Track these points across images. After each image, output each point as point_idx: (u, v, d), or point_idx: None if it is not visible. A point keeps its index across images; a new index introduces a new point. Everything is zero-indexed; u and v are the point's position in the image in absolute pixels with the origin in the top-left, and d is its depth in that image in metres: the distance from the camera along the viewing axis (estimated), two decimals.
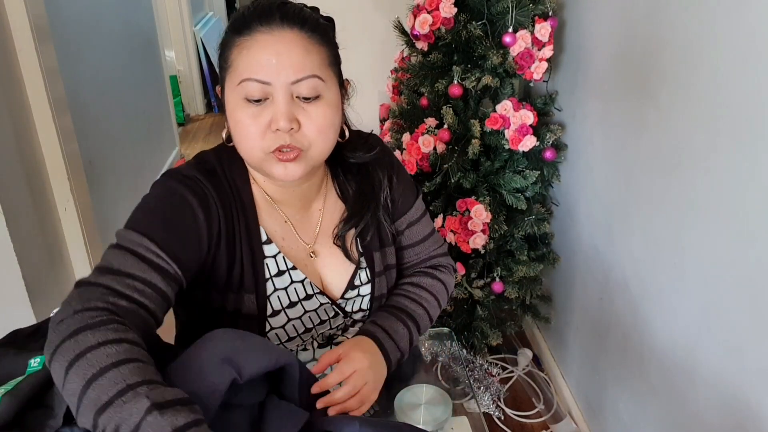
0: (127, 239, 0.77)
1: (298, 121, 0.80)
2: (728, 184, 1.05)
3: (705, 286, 1.14)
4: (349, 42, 0.95)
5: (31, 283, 1.70)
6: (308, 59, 0.79)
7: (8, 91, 1.71)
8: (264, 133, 0.79)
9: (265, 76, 0.77)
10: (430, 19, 1.66)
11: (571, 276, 1.84)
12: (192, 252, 0.81)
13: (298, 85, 0.79)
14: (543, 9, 1.64)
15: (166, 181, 0.84)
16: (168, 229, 0.79)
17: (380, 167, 0.98)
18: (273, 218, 0.93)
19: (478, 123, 1.68)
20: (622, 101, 1.45)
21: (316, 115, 0.81)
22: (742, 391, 1.05)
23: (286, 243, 0.93)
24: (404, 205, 1.00)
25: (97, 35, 2.57)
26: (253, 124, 0.79)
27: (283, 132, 0.79)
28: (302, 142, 0.81)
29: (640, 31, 1.35)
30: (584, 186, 1.71)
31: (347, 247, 0.96)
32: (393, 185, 0.98)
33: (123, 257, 0.75)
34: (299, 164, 0.82)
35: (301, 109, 0.80)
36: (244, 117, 0.80)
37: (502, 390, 1.93)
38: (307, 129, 0.80)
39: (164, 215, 0.80)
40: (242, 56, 0.79)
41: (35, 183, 1.83)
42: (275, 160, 0.81)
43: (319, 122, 0.81)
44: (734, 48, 1.02)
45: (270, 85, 0.78)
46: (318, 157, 0.85)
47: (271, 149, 0.80)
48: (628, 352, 1.48)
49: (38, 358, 0.77)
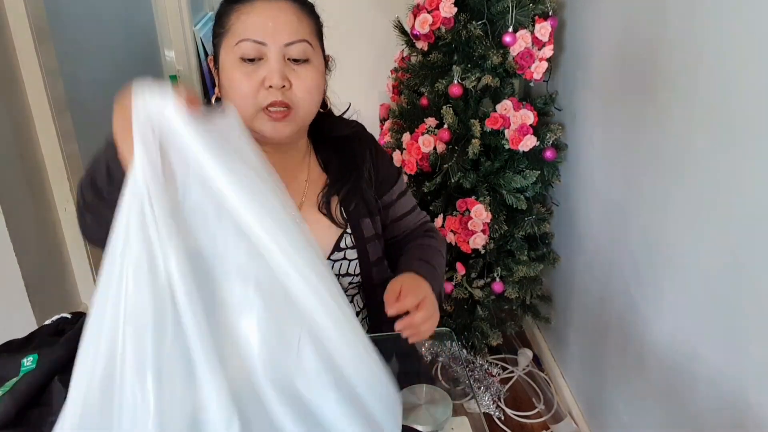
0: None
1: (289, 80, 0.87)
2: (728, 183, 1.05)
3: (705, 286, 1.14)
4: (349, 42, 0.97)
5: (31, 283, 1.70)
6: (300, 26, 0.88)
7: (8, 91, 1.71)
8: (257, 90, 0.86)
9: (262, 37, 0.85)
10: (430, 18, 1.66)
11: (571, 276, 1.84)
12: None
13: (291, 47, 0.87)
14: (543, 9, 1.64)
15: None
16: None
17: (361, 144, 1.05)
18: None
19: (478, 123, 1.68)
20: (622, 101, 1.45)
21: (305, 77, 0.88)
22: (742, 391, 1.05)
23: None
24: (389, 177, 1.08)
25: (97, 35, 2.57)
26: (247, 82, 0.86)
27: (276, 89, 0.86)
28: (292, 99, 0.88)
29: (640, 31, 1.35)
30: (584, 186, 1.71)
31: (332, 213, 1.01)
32: (376, 160, 1.06)
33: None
34: (287, 123, 0.89)
35: (292, 71, 0.88)
36: (239, 75, 0.87)
37: (502, 390, 1.93)
38: (296, 88, 0.88)
39: None
40: (240, 20, 0.86)
41: (35, 183, 1.83)
42: (266, 118, 0.88)
43: (307, 83, 0.88)
44: (734, 48, 1.02)
45: (265, 45, 0.86)
46: (304, 117, 0.92)
47: (263, 105, 0.87)
48: (628, 352, 1.48)
49: (30, 357, 0.78)
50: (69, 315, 0.94)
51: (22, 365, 0.77)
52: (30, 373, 0.75)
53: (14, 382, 0.74)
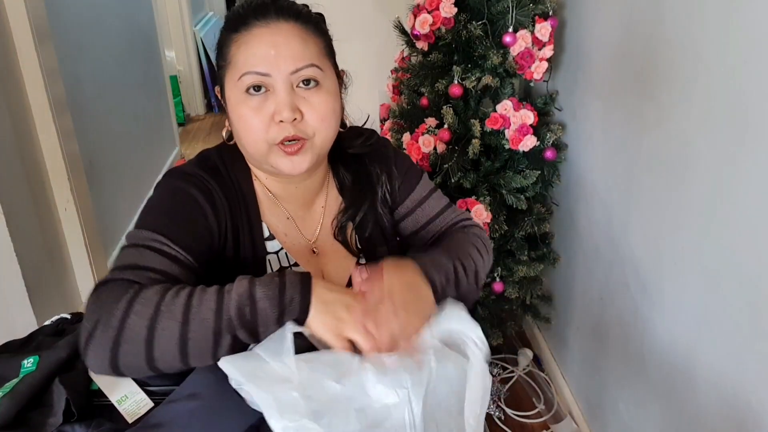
0: (139, 237, 0.77)
1: (300, 110, 0.81)
2: (728, 183, 1.05)
3: (705, 286, 1.14)
4: (349, 42, 0.95)
5: (31, 283, 1.70)
6: (306, 49, 0.81)
7: (8, 91, 1.71)
8: (268, 125, 0.80)
9: (265, 68, 0.79)
10: (430, 18, 1.66)
11: (572, 276, 1.84)
12: (203, 242, 0.81)
13: (298, 74, 0.80)
14: (543, 9, 1.64)
15: (169, 181, 0.84)
16: (177, 223, 0.79)
17: (377, 162, 0.98)
18: (275, 215, 0.93)
19: (478, 123, 1.68)
20: (622, 101, 1.45)
21: (317, 103, 0.82)
22: (742, 391, 1.05)
23: (289, 239, 0.93)
24: (406, 187, 0.99)
25: (97, 35, 2.57)
26: (256, 117, 0.80)
27: (287, 123, 0.80)
28: (306, 131, 0.82)
29: (640, 31, 1.35)
30: (584, 186, 1.71)
31: (348, 241, 0.96)
32: (392, 177, 0.98)
33: (139, 253, 0.76)
34: (305, 155, 0.83)
35: (302, 99, 0.81)
36: (247, 110, 0.80)
37: (502, 390, 1.93)
38: (309, 118, 0.81)
39: (171, 211, 0.81)
40: (241, 51, 0.80)
41: (35, 183, 1.83)
42: (281, 154, 0.82)
43: (320, 110, 0.82)
44: (734, 47, 1.02)
45: (270, 76, 0.79)
46: (322, 146, 0.85)
47: (276, 141, 0.81)
48: (628, 352, 1.48)
49: (31, 359, 0.77)
50: (69, 315, 0.94)
51: (22, 366, 0.77)
52: (30, 374, 0.75)
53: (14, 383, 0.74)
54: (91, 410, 0.75)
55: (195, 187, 0.83)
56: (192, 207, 0.82)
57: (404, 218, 1.00)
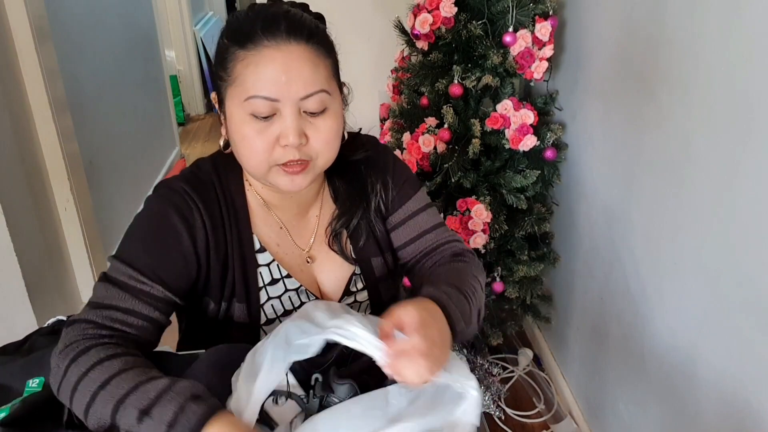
0: (113, 269, 0.81)
1: (306, 135, 0.79)
2: (728, 183, 1.05)
3: (705, 285, 1.14)
4: (349, 42, 0.94)
5: (31, 283, 1.70)
6: (316, 74, 0.78)
7: (8, 91, 1.71)
8: (272, 147, 0.79)
9: (274, 94, 0.76)
10: (431, 18, 1.66)
11: (572, 276, 1.84)
12: (178, 272, 0.83)
13: (307, 100, 0.78)
14: (543, 8, 1.64)
15: (152, 201, 0.86)
16: (151, 254, 0.81)
17: (374, 170, 0.96)
18: (268, 224, 0.92)
19: (478, 122, 1.68)
20: (622, 101, 1.45)
21: (323, 128, 0.80)
22: (742, 391, 1.05)
23: (281, 249, 0.93)
24: (402, 197, 0.97)
25: (97, 35, 2.57)
26: (260, 140, 0.78)
27: (292, 147, 0.78)
28: (310, 153, 0.81)
29: (640, 31, 1.35)
30: (584, 186, 1.71)
31: (343, 249, 0.95)
32: (387, 187, 0.97)
33: (106, 290, 0.79)
34: (306, 175, 0.82)
35: (309, 123, 0.79)
36: (251, 132, 0.78)
37: (502, 390, 1.93)
38: (314, 141, 0.80)
39: (147, 241, 0.82)
40: (249, 71, 0.77)
41: (35, 183, 1.83)
42: (282, 173, 0.81)
43: (326, 134, 0.80)
44: (734, 48, 1.02)
45: (278, 102, 0.76)
46: (323, 166, 0.85)
47: (279, 162, 0.79)
48: (628, 352, 1.48)
49: (36, 380, 0.79)
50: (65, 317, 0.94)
51: (27, 386, 0.78)
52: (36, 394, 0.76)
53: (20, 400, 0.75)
54: None
55: (175, 210, 0.83)
56: (168, 234, 0.82)
57: (396, 228, 0.98)
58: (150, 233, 0.83)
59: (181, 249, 0.82)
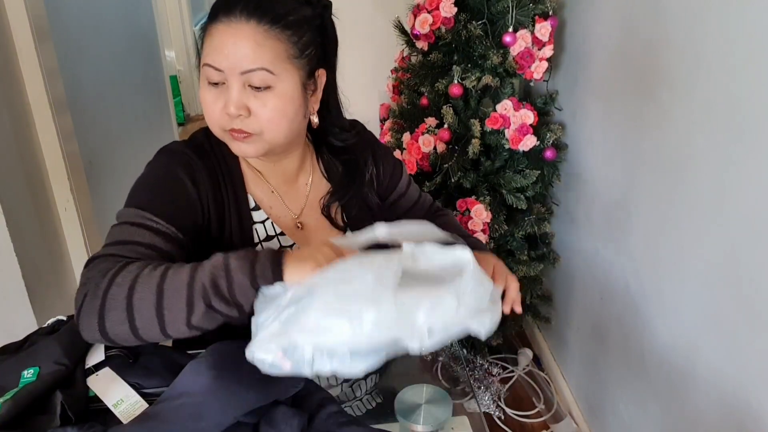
0: (127, 215, 0.83)
1: (248, 108, 0.84)
2: (728, 183, 1.05)
3: (705, 285, 1.14)
4: (349, 42, 0.96)
5: (31, 283, 1.69)
6: (259, 53, 0.83)
7: (8, 91, 1.71)
8: (222, 113, 0.85)
9: (219, 64, 0.83)
10: (430, 18, 1.66)
11: (572, 276, 1.84)
12: (186, 214, 0.86)
13: (248, 75, 0.83)
14: (543, 8, 1.64)
15: (156, 159, 0.91)
16: (160, 198, 0.85)
17: (363, 148, 1.04)
18: (260, 188, 0.97)
19: (478, 122, 1.68)
20: (622, 101, 1.45)
21: (268, 105, 0.85)
22: (742, 391, 1.05)
23: (274, 211, 0.97)
24: (394, 176, 1.08)
25: (97, 35, 2.57)
26: (213, 104, 0.85)
27: (232, 117, 0.84)
28: (253, 127, 0.85)
29: (640, 31, 1.35)
30: (584, 186, 1.71)
31: (333, 217, 1.00)
32: (378, 162, 1.05)
33: (126, 230, 0.81)
34: (251, 145, 0.87)
35: (253, 97, 0.84)
36: (207, 96, 0.86)
37: (502, 390, 1.93)
38: (257, 116, 0.85)
39: (155, 188, 0.87)
40: (207, 42, 0.85)
41: (35, 183, 1.83)
42: (230, 138, 0.87)
43: (267, 112, 0.85)
44: (735, 47, 1.02)
45: (222, 72, 0.83)
46: (273, 141, 0.88)
47: (226, 129, 0.86)
48: (628, 352, 1.48)
49: (31, 370, 0.78)
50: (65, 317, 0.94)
51: (23, 377, 0.77)
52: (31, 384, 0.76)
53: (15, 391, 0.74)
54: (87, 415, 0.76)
55: (178, 164, 0.88)
56: (174, 182, 0.87)
57: (393, 205, 1.09)
58: (156, 183, 0.87)
59: (187, 195, 0.87)
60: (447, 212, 1.16)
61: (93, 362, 0.83)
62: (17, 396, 0.73)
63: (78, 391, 0.77)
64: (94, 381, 0.80)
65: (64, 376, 0.79)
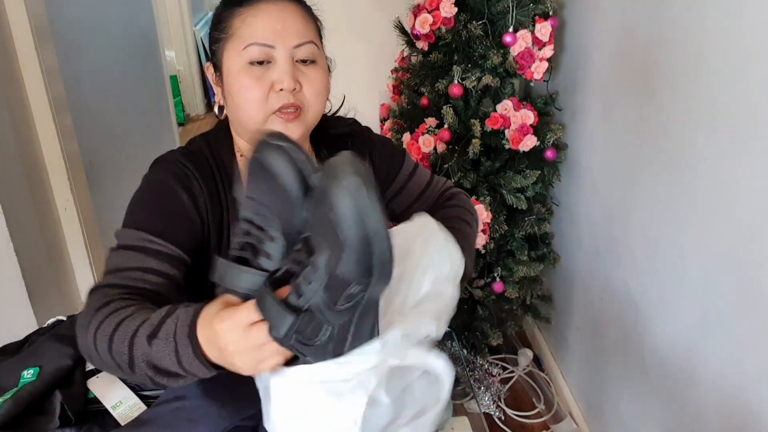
0: (123, 237, 0.84)
1: (299, 82, 0.87)
2: (728, 183, 1.05)
3: (705, 286, 1.14)
4: (349, 42, 0.97)
5: (31, 283, 1.69)
6: (306, 27, 0.88)
7: (8, 91, 1.71)
8: (267, 94, 0.86)
9: (271, 40, 0.85)
10: (431, 18, 1.66)
11: (572, 276, 1.83)
12: (184, 230, 0.86)
13: (299, 49, 0.86)
14: (543, 8, 1.64)
15: (151, 173, 0.92)
16: (157, 216, 0.85)
17: (360, 145, 1.04)
18: None
19: (478, 123, 1.68)
20: (622, 101, 1.45)
21: (314, 78, 0.88)
22: (742, 391, 1.05)
23: None
24: (395, 168, 1.06)
25: (97, 35, 2.57)
26: (257, 86, 0.85)
27: (287, 91, 0.85)
28: (302, 101, 0.88)
29: (640, 31, 1.34)
30: (585, 186, 1.71)
31: None
32: (374, 153, 1.05)
33: (122, 255, 0.82)
34: (298, 124, 0.88)
35: (301, 73, 0.87)
36: (249, 80, 0.86)
37: (502, 390, 1.93)
38: (306, 90, 0.88)
39: (151, 205, 0.87)
40: (246, 24, 0.85)
41: (35, 183, 1.83)
42: (278, 120, 0.87)
43: (316, 84, 0.88)
44: (734, 48, 1.02)
45: (274, 48, 0.85)
46: (313, 118, 0.91)
47: (274, 109, 0.86)
48: (628, 352, 1.48)
49: (31, 370, 0.78)
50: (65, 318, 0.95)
51: (22, 377, 0.77)
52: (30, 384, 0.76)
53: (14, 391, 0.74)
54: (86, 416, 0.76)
55: (171, 176, 0.88)
56: (170, 197, 0.87)
57: (396, 195, 1.07)
58: (152, 199, 0.88)
59: (184, 210, 0.87)
60: (456, 198, 1.07)
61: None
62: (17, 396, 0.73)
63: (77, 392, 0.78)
64: (94, 383, 0.81)
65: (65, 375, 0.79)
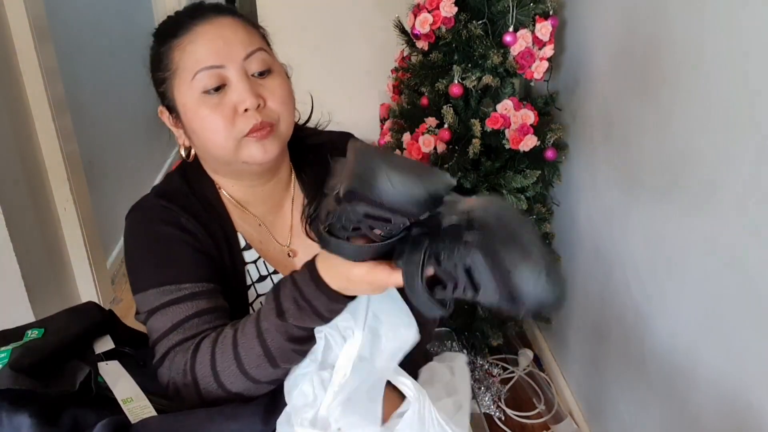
0: (148, 302, 0.79)
1: (261, 96, 0.81)
2: (728, 184, 1.05)
3: (706, 286, 1.14)
4: (349, 42, 0.95)
5: (31, 283, 1.70)
6: (251, 36, 0.82)
7: (8, 91, 1.71)
8: (232, 119, 0.79)
9: (218, 60, 0.79)
10: (431, 18, 1.66)
11: (572, 276, 1.83)
12: (200, 263, 0.82)
13: (250, 60, 0.80)
14: (544, 8, 1.64)
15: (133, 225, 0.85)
16: (168, 266, 0.80)
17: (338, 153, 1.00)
18: (247, 223, 0.92)
19: (478, 123, 1.67)
20: (622, 101, 1.45)
21: (275, 88, 0.82)
22: (743, 391, 1.05)
23: (264, 246, 0.93)
24: None
25: (97, 35, 2.57)
26: (218, 114, 0.79)
27: (252, 110, 0.79)
28: (271, 116, 0.82)
29: (640, 31, 1.34)
30: (585, 186, 1.71)
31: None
32: None
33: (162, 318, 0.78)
34: (273, 140, 0.82)
35: (260, 86, 0.81)
36: (207, 110, 0.79)
37: (502, 390, 1.93)
38: (271, 103, 0.82)
39: (153, 260, 0.81)
40: (188, 52, 0.80)
41: (35, 183, 1.83)
42: (251, 142, 0.81)
43: (279, 94, 0.82)
44: (736, 47, 1.02)
45: (224, 68, 0.79)
46: (286, 132, 0.85)
47: (244, 133, 0.80)
48: (629, 353, 1.48)
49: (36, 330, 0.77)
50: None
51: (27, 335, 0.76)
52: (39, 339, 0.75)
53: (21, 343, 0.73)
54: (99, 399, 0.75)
55: (161, 222, 0.83)
56: (169, 242, 0.82)
57: None
58: (150, 253, 0.82)
59: (186, 247, 0.82)
60: None
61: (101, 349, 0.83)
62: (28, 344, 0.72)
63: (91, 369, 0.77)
64: (104, 369, 0.79)
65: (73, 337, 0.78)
